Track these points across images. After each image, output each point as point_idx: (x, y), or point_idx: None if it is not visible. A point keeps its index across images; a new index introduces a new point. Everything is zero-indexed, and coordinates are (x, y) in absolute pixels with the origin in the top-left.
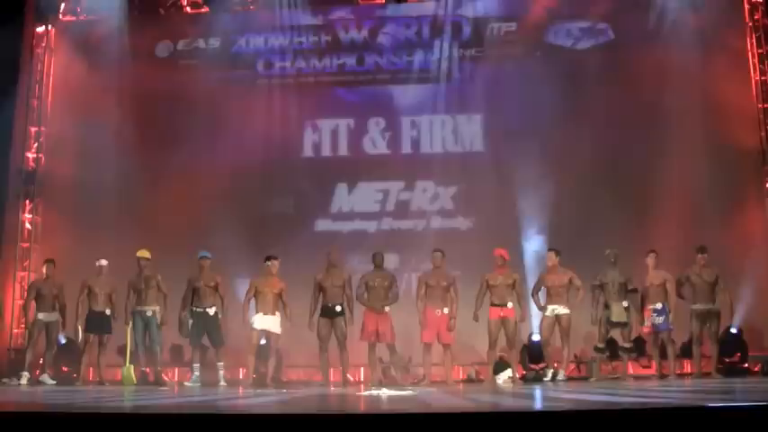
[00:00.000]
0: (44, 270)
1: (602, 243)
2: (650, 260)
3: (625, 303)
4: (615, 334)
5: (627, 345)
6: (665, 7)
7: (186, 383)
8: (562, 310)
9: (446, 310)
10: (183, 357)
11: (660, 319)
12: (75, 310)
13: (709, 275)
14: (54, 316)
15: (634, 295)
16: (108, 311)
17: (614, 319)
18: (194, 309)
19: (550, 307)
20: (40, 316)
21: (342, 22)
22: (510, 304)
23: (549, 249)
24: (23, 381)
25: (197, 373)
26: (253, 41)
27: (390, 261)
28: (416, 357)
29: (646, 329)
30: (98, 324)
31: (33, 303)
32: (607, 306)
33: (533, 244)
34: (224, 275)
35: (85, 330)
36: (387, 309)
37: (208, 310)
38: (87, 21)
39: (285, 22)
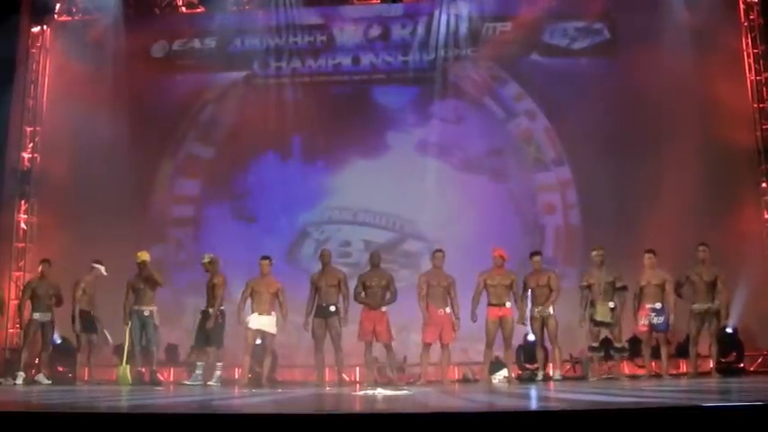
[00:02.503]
0: (40, 270)
1: (597, 242)
2: (648, 260)
3: (611, 304)
4: (607, 334)
5: (619, 345)
6: (660, 7)
7: (186, 382)
8: (546, 311)
9: (448, 310)
10: (179, 357)
11: (659, 320)
12: (72, 309)
13: (708, 275)
14: (49, 316)
15: (623, 293)
16: (92, 311)
17: (598, 318)
18: (202, 309)
19: (535, 309)
20: (36, 316)
21: (337, 21)
22: (508, 304)
23: (533, 252)
24: (19, 380)
25: (199, 372)
26: (248, 41)
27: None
28: (411, 357)
29: (643, 328)
30: (88, 324)
31: (29, 303)
32: (593, 305)
33: (529, 244)
34: (222, 275)
35: (82, 330)
36: (384, 308)
37: (209, 310)
38: (83, 21)
39: (281, 22)
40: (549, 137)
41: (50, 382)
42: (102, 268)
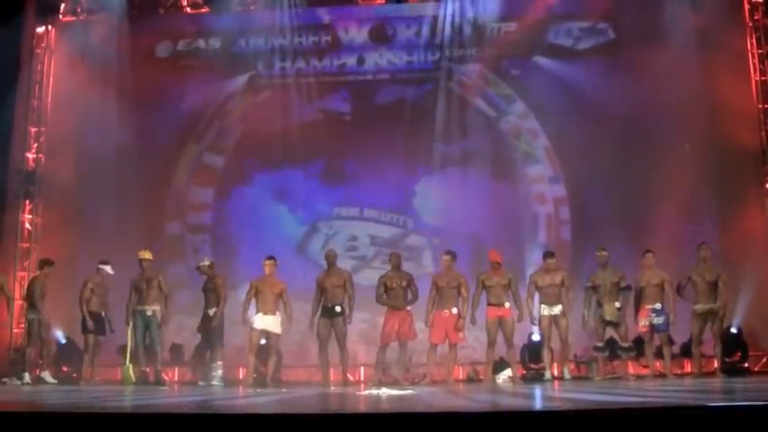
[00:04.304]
0: (45, 270)
1: (600, 242)
2: (647, 260)
3: (617, 304)
4: (613, 333)
5: (625, 344)
6: (665, 7)
7: (201, 383)
8: (558, 309)
9: (455, 310)
10: (183, 357)
11: (659, 320)
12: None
13: (710, 275)
14: (43, 314)
15: (627, 292)
16: (104, 313)
17: (608, 317)
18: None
19: (544, 307)
20: (39, 314)
21: (342, 22)
22: (507, 304)
23: (546, 253)
24: (26, 380)
25: (220, 372)
26: (253, 41)
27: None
28: (416, 357)
29: (643, 329)
30: (98, 325)
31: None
32: (600, 305)
33: (532, 243)
34: (224, 277)
35: (92, 330)
36: (408, 307)
37: (208, 311)
38: (87, 21)
39: (285, 22)
40: (549, 155)
41: (56, 381)
42: (108, 267)
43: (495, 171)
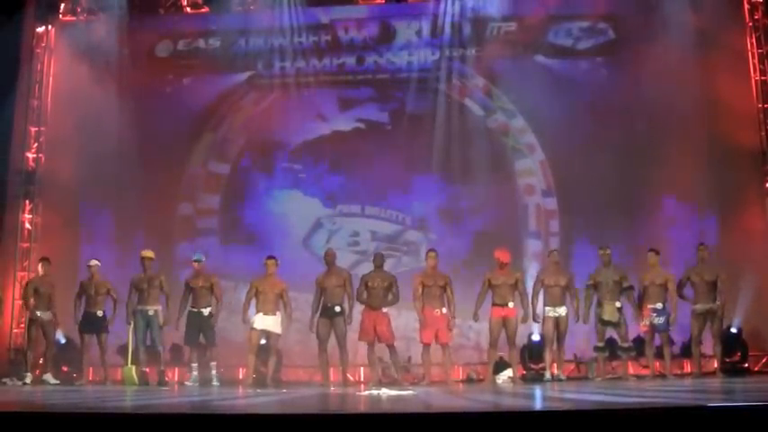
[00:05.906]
0: (40, 268)
1: (601, 242)
2: (651, 259)
3: (618, 304)
4: (613, 333)
5: (625, 344)
6: (665, 7)
7: (187, 383)
8: (563, 311)
9: (444, 310)
10: (183, 357)
11: (661, 320)
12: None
13: (710, 274)
14: (49, 314)
15: (629, 292)
16: (100, 312)
17: (606, 317)
18: (190, 309)
19: (548, 308)
20: (37, 314)
21: (342, 21)
22: (511, 304)
23: (553, 250)
24: (27, 381)
25: (195, 373)
26: (253, 41)
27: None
28: (416, 357)
29: (644, 328)
30: (95, 324)
31: (31, 302)
32: (600, 304)
33: (531, 244)
34: (220, 277)
35: (84, 330)
36: (385, 309)
37: (202, 310)
38: (87, 21)
39: (285, 22)
40: (543, 169)
41: (59, 382)
42: (91, 262)
43: (492, 169)
